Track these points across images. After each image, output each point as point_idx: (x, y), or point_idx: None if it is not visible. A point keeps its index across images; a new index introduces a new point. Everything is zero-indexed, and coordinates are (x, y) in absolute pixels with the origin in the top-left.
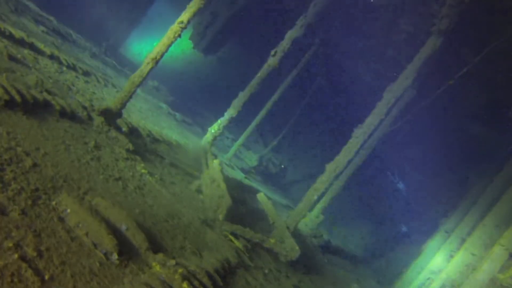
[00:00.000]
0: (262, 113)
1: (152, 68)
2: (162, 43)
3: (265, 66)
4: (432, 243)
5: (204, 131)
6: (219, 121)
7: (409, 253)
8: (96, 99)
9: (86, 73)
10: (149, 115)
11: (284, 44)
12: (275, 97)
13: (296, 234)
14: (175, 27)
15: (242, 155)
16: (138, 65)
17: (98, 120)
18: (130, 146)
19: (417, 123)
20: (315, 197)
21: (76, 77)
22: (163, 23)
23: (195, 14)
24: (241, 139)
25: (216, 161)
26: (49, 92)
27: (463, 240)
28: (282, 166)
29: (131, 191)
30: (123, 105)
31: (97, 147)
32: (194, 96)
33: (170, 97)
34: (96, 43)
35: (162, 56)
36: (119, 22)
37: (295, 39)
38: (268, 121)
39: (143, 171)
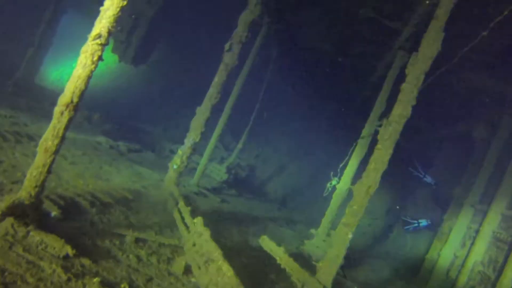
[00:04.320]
0: (223, 120)
1: (71, 119)
2: (77, 76)
3: (222, 67)
4: (459, 223)
5: (157, 153)
6: (179, 151)
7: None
8: (4, 171)
9: None
10: (87, 164)
11: (240, 32)
12: (232, 97)
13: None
14: (90, 47)
15: (207, 170)
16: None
17: (3, 226)
18: (69, 249)
19: None
20: (350, 236)
21: None
22: (78, 38)
23: (116, 20)
24: (205, 158)
25: (198, 221)
26: None
27: (508, 218)
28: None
29: None
30: (40, 187)
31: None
32: (132, 112)
33: (107, 124)
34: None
35: (81, 96)
36: (25, 49)
37: (252, 22)
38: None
39: None
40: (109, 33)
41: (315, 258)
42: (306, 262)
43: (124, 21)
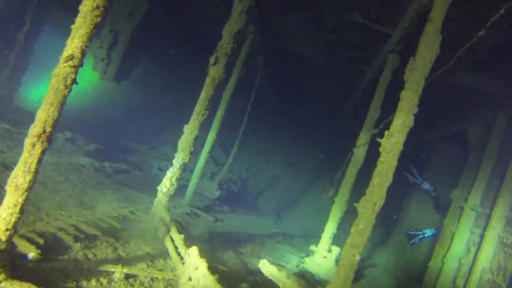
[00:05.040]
0: (211, 135)
1: (44, 151)
2: (49, 103)
3: (208, 82)
4: (461, 228)
5: (145, 172)
6: (168, 173)
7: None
8: None
9: None
10: (70, 190)
11: (225, 44)
12: (221, 111)
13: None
14: (62, 70)
15: (199, 187)
16: None
17: None
18: None
19: None
20: (357, 257)
21: None
22: (58, 56)
23: (90, 38)
24: (195, 176)
25: (193, 251)
26: None
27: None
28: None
29: None
30: (12, 230)
31: None
32: (117, 130)
33: (91, 145)
34: None
35: (54, 126)
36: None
37: (238, 33)
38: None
39: None
40: (83, 53)
41: (318, 277)
42: (311, 284)
43: (103, 37)
